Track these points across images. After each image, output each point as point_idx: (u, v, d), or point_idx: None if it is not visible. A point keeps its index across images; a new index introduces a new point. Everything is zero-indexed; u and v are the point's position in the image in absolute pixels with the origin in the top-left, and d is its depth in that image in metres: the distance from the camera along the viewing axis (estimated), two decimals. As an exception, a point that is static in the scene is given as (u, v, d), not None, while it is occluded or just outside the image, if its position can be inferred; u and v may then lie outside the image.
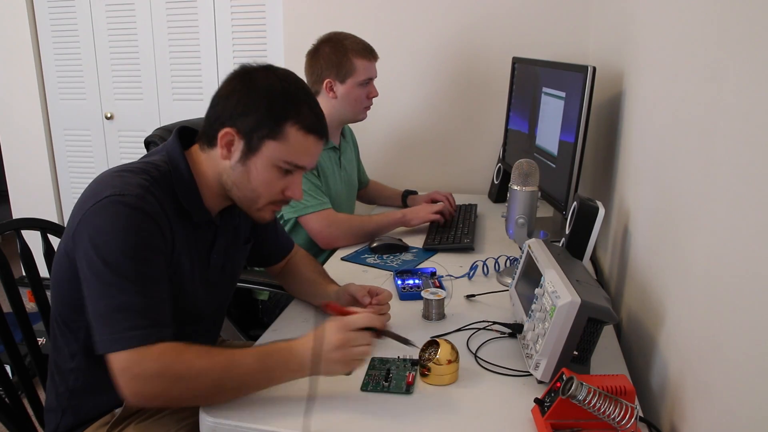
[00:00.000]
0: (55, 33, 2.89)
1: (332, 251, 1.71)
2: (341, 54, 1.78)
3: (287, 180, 1.08)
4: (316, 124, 1.07)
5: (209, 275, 1.16)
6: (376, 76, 1.86)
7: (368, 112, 1.89)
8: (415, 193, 2.12)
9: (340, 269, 1.55)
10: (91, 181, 1.04)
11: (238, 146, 1.04)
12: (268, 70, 1.07)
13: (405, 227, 1.80)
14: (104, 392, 1.11)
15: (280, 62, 2.57)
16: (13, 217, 2.69)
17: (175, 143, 1.10)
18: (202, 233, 1.13)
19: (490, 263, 1.53)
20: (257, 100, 1.03)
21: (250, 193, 1.07)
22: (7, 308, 1.27)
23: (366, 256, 1.63)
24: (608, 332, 1.17)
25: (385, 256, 1.62)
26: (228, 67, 2.67)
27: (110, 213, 0.95)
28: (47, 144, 3.03)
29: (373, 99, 1.87)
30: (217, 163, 1.07)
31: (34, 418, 1.26)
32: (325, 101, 1.82)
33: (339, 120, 1.86)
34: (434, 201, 2.04)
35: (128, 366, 0.91)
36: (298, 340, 0.97)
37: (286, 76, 1.08)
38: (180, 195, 1.06)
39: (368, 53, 1.82)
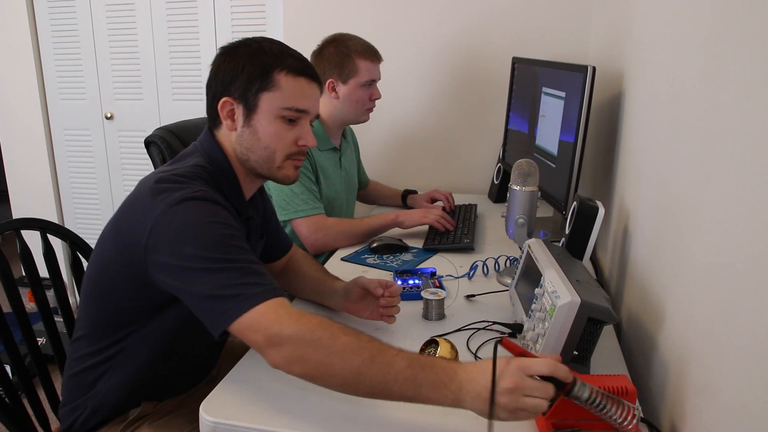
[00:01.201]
0: (55, 33, 2.89)
1: (332, 252, 1.71)
2: (344, 54, 1.78)
3: (296, 130, 1.10)
4: (304, 68, 1.09)
5: None
6: (379, 78, 1.85)
7: (371, 114, 1.88)
8: (414, 192, 2.12)
9: (340, 269, 1.55)
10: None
11: (239, 111, 1.08)
12: (246, 39, 1.11)
13: (402, 229, 1.78)
14: (127, 394, 1.11)
15: (280, 62, 2.57)
16: (13, 217, 2.69)
17: (210, 140, 1.11)
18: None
19: (490, 263, 1.53)
20: (241, 62, 1.07)
21: (264, 151, 1.09)
22: (7, 308, 1.27)
23: (366, 256, 1.63)
24: (608, 332, 1.17)
25: (385, 256, 1.62)
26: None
27: (190, 211, 0.94)
28: (47, 144, 3.03)
29: (376, 101, 1.86)
30: (228, 140, 1.10)
31: (34, 418, 1.26)
32: (327, 101, 1.82)
33: (341, 120, 1.86)
34: (433, 200, 2.04)
35: (265, 323, 0.85)
36: (464, 365, 0.84)
37: (263, 39, 1.11)
38: (227, 194, 1.08)
39: (372, 54, 1.81)
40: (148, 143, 1.61)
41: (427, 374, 0.83)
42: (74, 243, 1.43)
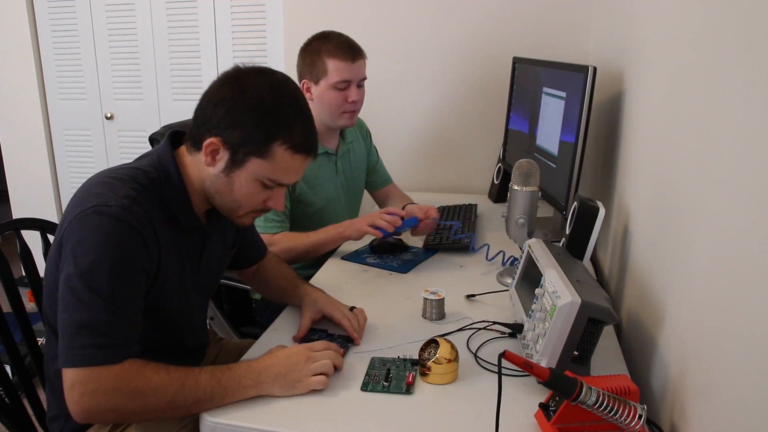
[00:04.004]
0: (55, 33, 2.89)
1: (328, 255, 1.69)
2: (315, 53, 1.68)
3: (270, 192, 1.07)
4: (305, 143, 1.04)
5: (200, 281, 1.15)
6: (356, 78, 1.70)
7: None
8: (413, 203, 2.04)
9: (340, 269, 1.55)
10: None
11: (223, 156, 1.02)
12: (262, 77, 1.03)
13: (353, 240, 1.63)
14: None
15: (279, 62, 2.57)
16: (13, 217, 2.68)
17: (167, 148, 1.07)
18: (192, 239, 1.11)
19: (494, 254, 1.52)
20: (246, 113, 1.00)
21: (232, 203, 1.07)
22: (7, 308, 1.27)
23: (366, 255, 1.63)
24: (608, 332, 1.17)
25: (385, 256, 1.62)
26: (228, 67, 2.66)
27: (94, 224, 0.94)
28: (47, 144, 3.03)
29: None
30: (201, 168, 1.05)
31: (34, 418, 1.26)
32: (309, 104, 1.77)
33: (322, 124, 1.74)
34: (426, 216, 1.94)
35: (82, 381, 0.91)
36: (258, 359, 1.01)
37: (280, 85, 1.03)
38: (169, 202, 1.04)
39: (344, 53, 1.67)
40: (153, 141, 1.61)
41: (228, 376, 0.96)
42: (74, 243, 1.42)
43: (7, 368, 1.82)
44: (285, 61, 2.52)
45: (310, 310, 1.23)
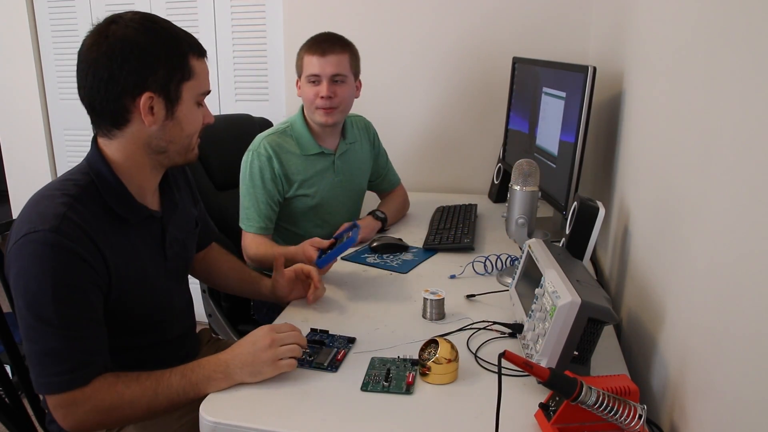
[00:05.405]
0: (55, 33, 2.89)
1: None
2: (300, 50, 1.75)
3: (202, 110, 1.11)
4: (199, 44, 1.09)
5: (169, 267, 1.16)
6: (325, 74, 1.68)
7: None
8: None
9: (340, 269, 1.55)
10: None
11: (160, 105, 1.02)
12: (119, 22, 1.03)
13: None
14: None
15: (279, 62, 2.58)
16: (13, 217, 2.68)
17: (94, 150, 1.06)
18: (149, 230, 1.11)
19: (492, 261, 1.52)
20: (153, 52, 1.01)
21: (185, 139, 1.09)
22: (7, 308, 1.27)
23: (366, 255, 1.63)
24: (608, 332, 1.17)
25: (385, 256, 1.62)
26: (228, 67, 2.67)
27: (28, 254, 0.94)
28: (47, 144, 3.03)
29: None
30: (138, 137, 1.04)
31: (34, 418, 1.26)
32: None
33: (312, 121, 1.78)
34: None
35: (61, 405, 0.96)
36: (225, 350, 1.02)
37: (139, 16, 1.05)
38: (110, 201, 1.03)
39: (315, 48, 1.69)
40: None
41: (197, 374, 0.99)
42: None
43: (7, 368, 1.82)
44: (285, 61, 2.52)
45: (288, 272, 1.31)
